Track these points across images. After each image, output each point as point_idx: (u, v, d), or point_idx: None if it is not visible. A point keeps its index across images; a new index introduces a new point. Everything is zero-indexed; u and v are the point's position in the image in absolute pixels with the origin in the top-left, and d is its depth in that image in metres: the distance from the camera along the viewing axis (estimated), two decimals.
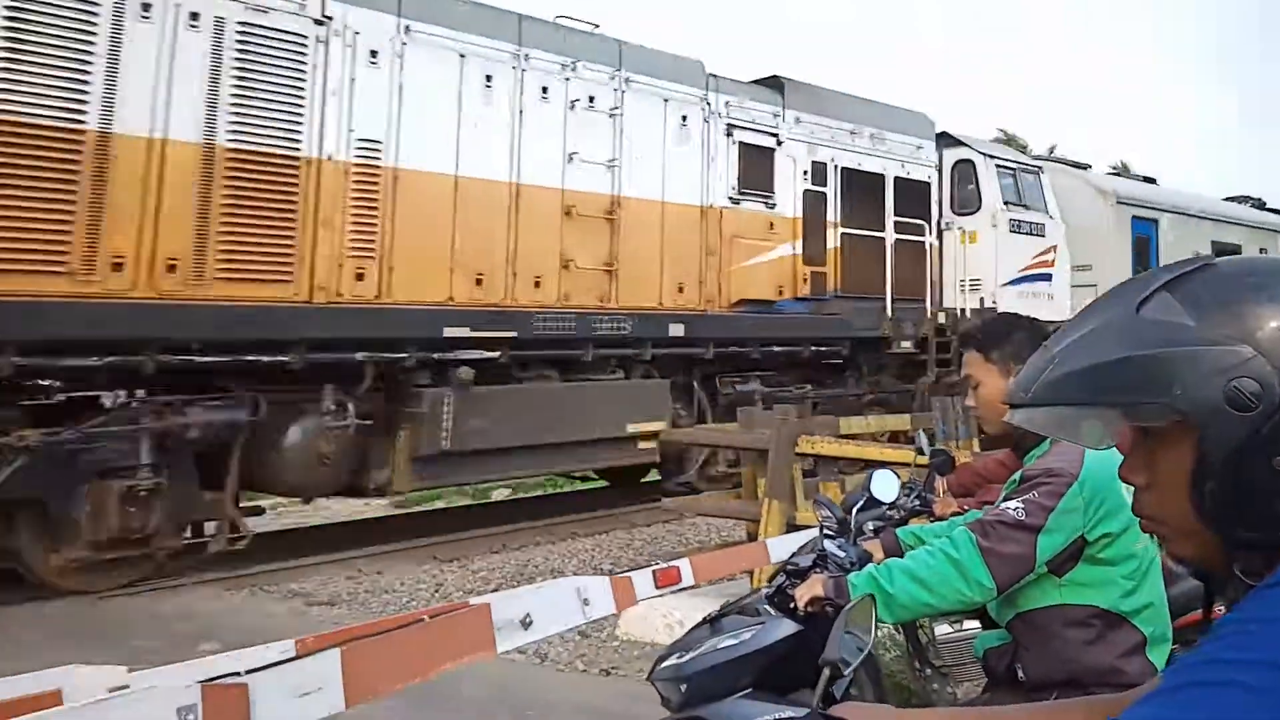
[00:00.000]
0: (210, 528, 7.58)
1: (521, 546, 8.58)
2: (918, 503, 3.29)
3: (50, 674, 2.41)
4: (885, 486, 2.99)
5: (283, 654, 2.62)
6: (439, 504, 13.97)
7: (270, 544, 8.61)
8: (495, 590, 6.79)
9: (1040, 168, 14.39)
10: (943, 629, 3.69)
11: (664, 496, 7.62)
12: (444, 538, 8.72)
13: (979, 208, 13.27)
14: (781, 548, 4.18)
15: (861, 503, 2.97)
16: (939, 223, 13.23)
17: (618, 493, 11.47)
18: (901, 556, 2.50)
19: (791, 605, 2.41)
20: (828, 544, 2.61)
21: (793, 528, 5.50)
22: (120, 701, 2.07)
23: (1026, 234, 13.62)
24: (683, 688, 2.47)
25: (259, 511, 10.92)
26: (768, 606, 2.49)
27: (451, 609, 3.01)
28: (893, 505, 3.11)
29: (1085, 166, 16.74)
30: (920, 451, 3.54)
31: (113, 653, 5.00)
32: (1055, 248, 14.04)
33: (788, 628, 2.40)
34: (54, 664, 2.66)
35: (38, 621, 6.09)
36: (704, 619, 2.61)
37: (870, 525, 3.01)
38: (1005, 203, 13.32)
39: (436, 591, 7.01)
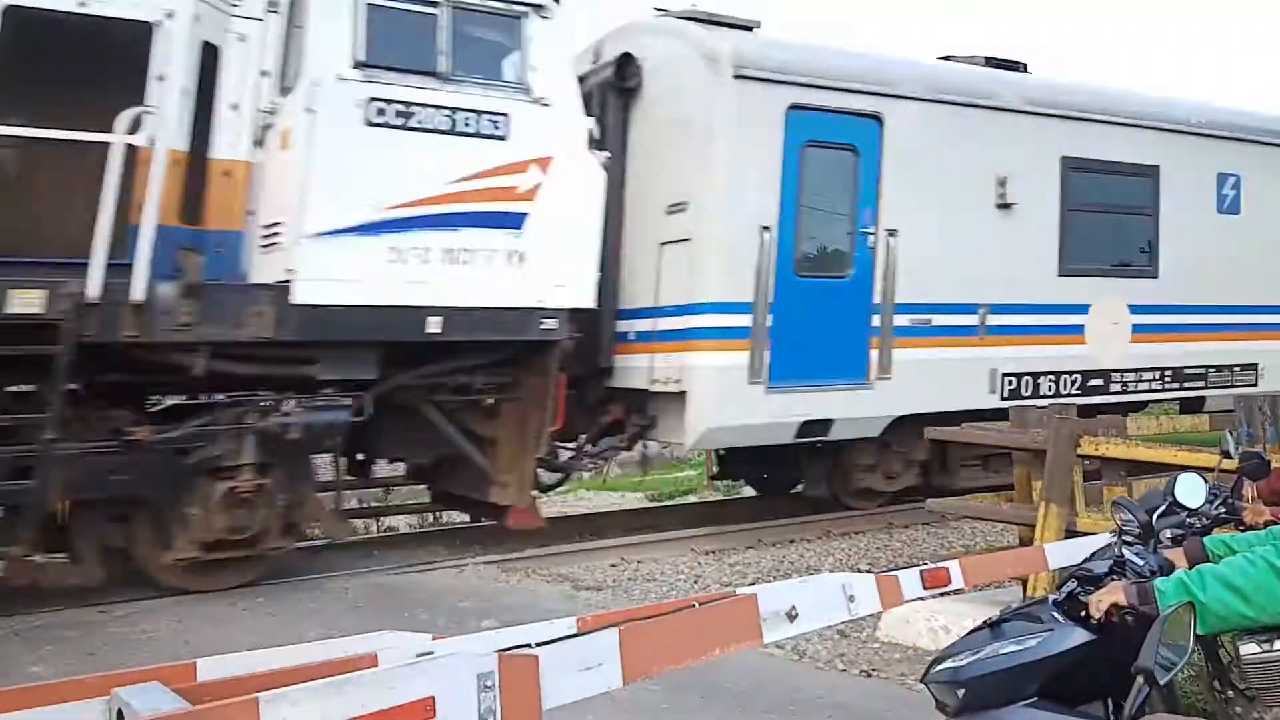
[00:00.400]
0: None
1: (776, 543, 8.58)
2: (1223, 510, 3.02)
3: (367, 638, 2.67)
4: (1191, 491, 2.76)
5: (566, 630, 2.76)
6: (692, 498, 14.26)
7: (540, 530, 9.10)
8: (752, 584, 6.84)
9: (532, 4, 7.28)
10: (1248, 648, 3.35)
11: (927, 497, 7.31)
12: (700, 530, 8.87)
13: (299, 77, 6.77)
14: (1061, 554, 3.95)
15: (1163, 508, 2.76)
16: (264, 113, 6.91)
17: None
18: None
19: (1083, 613, 2.28)
20: (1127, 551, 2.44)
21: (1071, 534, 5.17)
22: (428, 666, 2.26)
23: (440, 132, 6.90)
24: (960, 692, 2.40)
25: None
26: (1056, 613, 2.38)
27: (719, 598, 3.06)
28: (1194, 512, 2.87)
29: (749, 26, 8.77)
30: (1226, 455, 3.24)
31: (404, 624, 5.47)
32: (543, 164, 7.17)
33: (1080, 636, 2.28)
34: (355, 632, 2.96)
35: (343, 595, 6.75)
36: (984, 622, 2.52)
37: (1169, 533, 2.79)
38: (365, 64, 6.73)
39: (695, 582, 7.15)
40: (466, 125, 7.03)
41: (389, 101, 6.78)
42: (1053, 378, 9.79)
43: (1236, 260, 10.65)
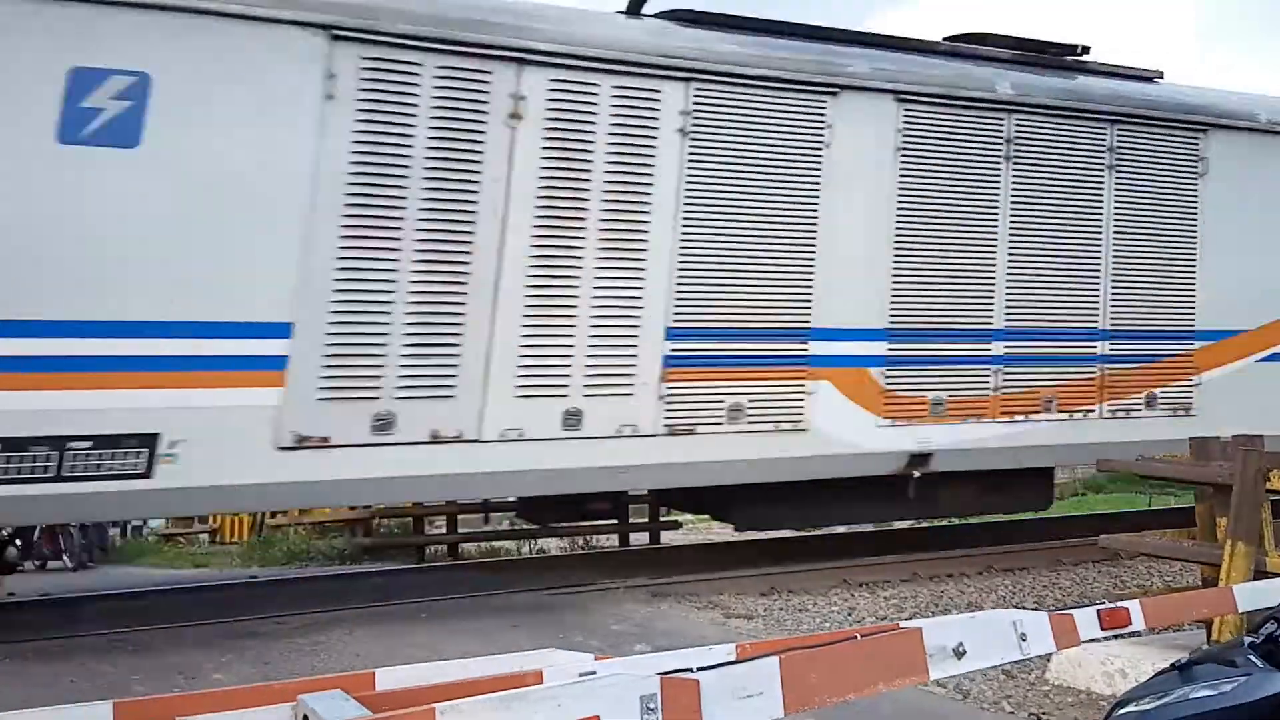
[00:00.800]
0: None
1: (934, 576, 8.31)
2: None
3: (532, 655, 2.74)
4: None
5: (725, 656, 2.75)
6: (840, 528, 13.97)
7: (689, 556, 9.12)
8: (910, 618, 6.63)
9: None
10: None
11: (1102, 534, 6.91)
12: (853, 561, 8.68)
13: None
14: (1252, 596, 3.67)
15: None
16: None
17: (1039, 526, 10.78)
18: None
19: None
20: None
21: (1260, 574, 4.81)
22: (593, 685, 2.29)
23: None
24: None
25: (676, 526, 11.63)
26: (1253, 657, 2.22)
27: (882, 630, 2.99)
28: None
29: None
30: None
31: (561, 644, 5.55)
32: None
33: None
34: (508, 649, 3.03)
35: (501, 613, 6.92)
36: (1171, 665, 2.38)
37: None
38: None
39: (850, 614, 7.00)
40: None
41: None
42: None
43: (110, 234, 5.82)
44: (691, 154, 7.20)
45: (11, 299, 5.64)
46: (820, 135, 7.58)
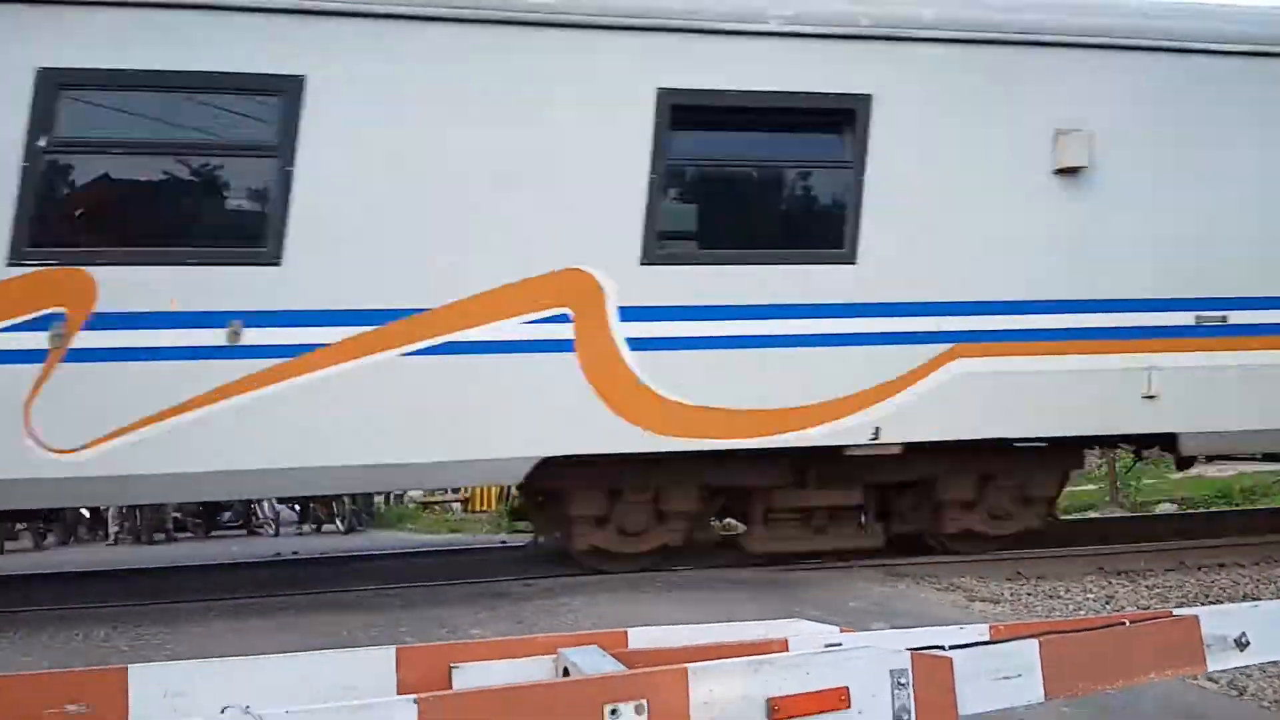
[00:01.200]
0: None
1: (1202, 566, 7.66)
2: None
3: (778, 624, 2.76)
4: None
5: (978, 636, 2.67)
6: (1092, 514, 13.17)
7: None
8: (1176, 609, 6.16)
9: None
10: None
11: None
12: (1108, 548, 8.15)
13: None
14: None
15: None
16: None
17: None
18: None
19: None
20: None
21: None
22: (841, 656, 2.29)
23: None
24: None
25: None
26: None
27: (1152, 616, 2.80)
28: None
29: None
30: None
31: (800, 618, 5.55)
32: None
33: None
34: (750, 618, 3.05)
35: (737, 586, 7.03)
36: None
37: None
38: None
39: (1107, 603, 6.58)
40: None
41: None
42: None
43: None
44: None
45: None
46: None
